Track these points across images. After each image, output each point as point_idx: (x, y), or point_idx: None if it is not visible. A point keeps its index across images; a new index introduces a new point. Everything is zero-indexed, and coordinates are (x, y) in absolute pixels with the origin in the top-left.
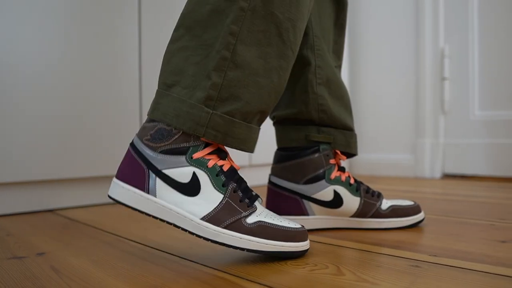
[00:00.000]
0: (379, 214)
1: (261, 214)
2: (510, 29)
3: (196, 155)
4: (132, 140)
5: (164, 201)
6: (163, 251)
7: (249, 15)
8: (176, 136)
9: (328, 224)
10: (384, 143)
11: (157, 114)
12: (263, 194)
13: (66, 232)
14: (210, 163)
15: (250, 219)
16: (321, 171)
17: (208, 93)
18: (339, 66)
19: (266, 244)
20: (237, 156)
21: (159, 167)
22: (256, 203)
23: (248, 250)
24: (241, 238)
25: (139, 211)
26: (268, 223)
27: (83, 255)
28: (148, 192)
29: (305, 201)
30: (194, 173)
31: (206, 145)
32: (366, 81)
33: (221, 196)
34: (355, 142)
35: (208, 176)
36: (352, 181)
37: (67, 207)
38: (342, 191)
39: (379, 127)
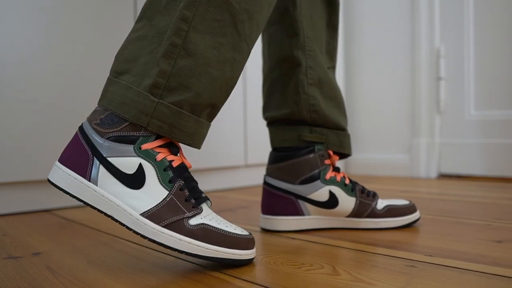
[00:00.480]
0: (375, 214)
1: (207, 217)
2: (505, 29)
3: (145, 146)
4: (82, 123)
5: (105, 191)
6: (159, 251)
7: (204, 2)
8: (126, 124)
9: (324, 224)
10: (379, 143)
11: (103, 101)
12: (258, 195)
13: (62, 232)
14: (159, 157)
15: (193, 221)
16: (316, 171)
17: (155, 81)
18: (332, 67)
19: (207, 249)
20: (232, 157)
21: (104, 154)
22: (204, 205)
23: (186, 253)
24: (180, 240)
25: (77, 199)
26: (212, 226)
27: (79, 255)
28: (89, 180)
29: (301, 201)
30: (140, 165)
31: (158, 137)
32: (361, 81)
33: (166, 192)
34: (349, 142)
35: (155, 170)
36: (347, 181)
37: (63, 207)
38: (338, 191)
39: (374, 127)
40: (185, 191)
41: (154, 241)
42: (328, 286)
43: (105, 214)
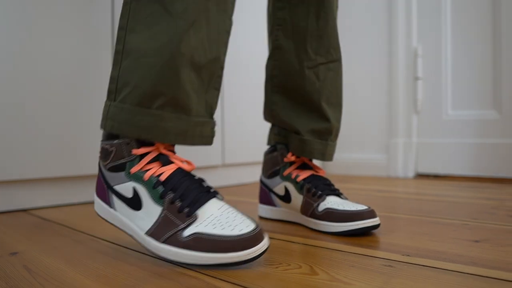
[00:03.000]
0: (315, 215)
1: (202, 224)
2: (482, 29)
3: (133, 170)
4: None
5: (121, 214)
6: (136, 251)
7: (134, 6)
8: (112, 154)
9: (287, 217)
10: (357, 143)
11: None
12: (236, 194)
13: (39, 231)
14: (146, 176)
15: (187, 232)
16: (277, 167)
17: (109, 88)
18: (332, 61)
19: (203, 257)
20: (208, 156)
21: (111, 184)
22: (204, 208)
23: (187, 264)
24: (178, 253)
25: (111, 224)
26: (205, 234)
27: (56, 254)
28: (111, 206)
29: (271, 193)
30: (134, 188)
31: (142, 157)
32: None
33: (160, 209)
34: (306, 146)
35: (146, 190)
36: (299, 179)
37: (40, 206)
38: (291, 187)
39: (352, 126)
40: (176, 202)
41: (160, 257)
42: (306, 286)
43: (128, 234)
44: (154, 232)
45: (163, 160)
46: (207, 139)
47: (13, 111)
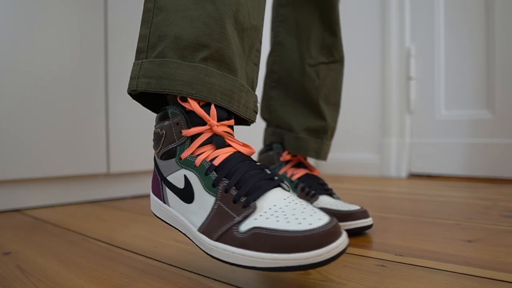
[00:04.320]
0: None
1: (263, 215)
2: (475, 29)
3: (184, 155)
4: None
5: (174, 209)
6: (129, 251)
7: None
8: (163, 138)
9: None
10: (350, 143)
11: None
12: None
13: (33, 231)
14: (198, 161)
15: (244, 226)
16: (273, 166)
17: (138, 47)
18: (334, 61)
19: (262, 259)
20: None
21: (164, 174)
22: (265, 197)
23: (244, 267)
24: (233, 253)
25: (165, 222)
26: (266, 229)
27: (50, 254)
28: (164, 202)
29: None
30: (185, 176)
31: (193, 139)
32: None
33: (213, 199)
34: (300, 144)
35: (198, 177)
36: (294, 178)
37: (33, 206)
38: (287, 186)
39: (345, 126)
40: (232, 190)
41: (214, 257)
42: (299, 285)
43: (182, 232)
44: (207, 228)
45: (218, 142)
46: (251, 112)
47: (6, 110)
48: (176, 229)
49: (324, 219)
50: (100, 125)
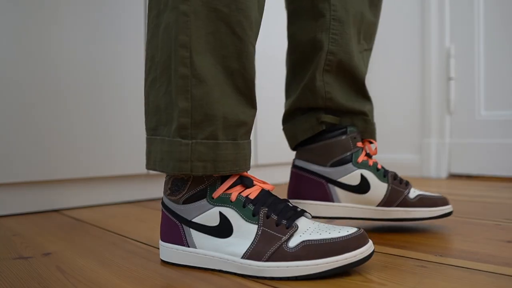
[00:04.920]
0: (407, 202)
1: (306, 232)
2: None
3: (216, 194)
4: (162, 199)
5: (205, 249)
6: None
7: (193, 19)
8: (190, 182)
9: (353, 214)
10: (390, 143)
11: (149, 165)
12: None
13: (72, 232)
14: (233, 197)
15: (292, 242)
16: (348, 153)
17: (179, 123)
18: (369, 49)
19: (317, 265)
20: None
21: (188, 218)
22: (300, 221)
23: (299, 277)
24: (288, 267)
25: (188, 267)
26: (313, 240)
27: (89, 255)
28: (188, 246)
29: (331, 186)
30: (220, 213)
31: (224, 179)
32: (371, 81)
33: (255, 227)
34: (370, 127)
35: (235, 211)
36: (379, 166)
37: (73, 207)
38: (369, 175)
39: (385, 127)
40: (272, 216)
41: (264, 278)
42: (339, 286)
43: (213, 270)
44: (253, 253)
45: (248, 182)
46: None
47: (47, 112)
48: (205, 269)
49: (353, 229)
50: (140, 126)
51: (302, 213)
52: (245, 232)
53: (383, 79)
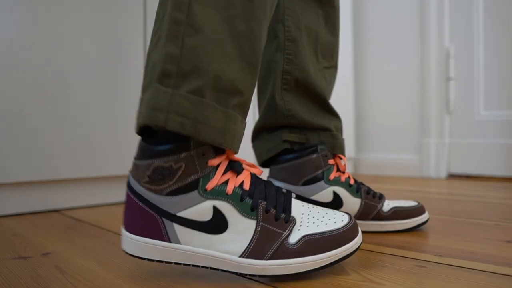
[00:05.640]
0: (381, 216)
1: (303, 225)
2: None
3: (210, 185)
4: (128, 181)
5: (192, 246)
6: None
7: None
8: (180, 172)
9: None
10: (389, 143)
11: (136, 127)
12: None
13: (72, 232)
14: (229, 189)
15: (293, 238)
16: (319, 171)
17: (163, 68)
18: (332, 67)
19: (319, 259)
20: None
21: (172, 212)
22: (293, 210)
23: (304, 273)
24: (291, 264)
25: (166, 263)
26: (314, 234)
27: (89, 255)
28: (170, 241)
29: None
30: (214, 207)
31: (215, 169)
32: (371, 81)
33: (254, 222)
34: (336, 142)
35: (232, 205)
36: (352, 181)
37: (73, 207)
38: (342, 192)
39: (384, 127)
40: (271, 210)
41: (265, 276)
42: (338, 286)
43: (202, 266)
44: (254, 251)
45: (238, 167)
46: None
47: (47, 112)
48: (189, 265)
49: (345, 216)
50: None
51: (289, 195)
52: (242, 229)
53: (383, 79)
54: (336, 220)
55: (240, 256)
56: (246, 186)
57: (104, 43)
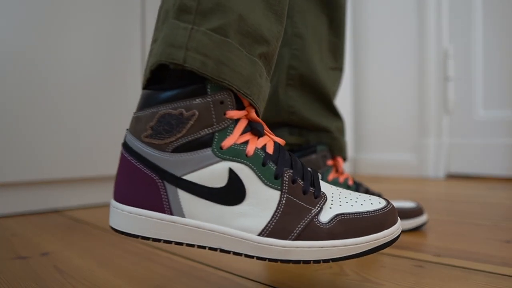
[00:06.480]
0: None
1: (335, 202)
2: None
3: (227, 143)
4: (125, 140)
5: (199, 220)
6: (167, 251)
7: None
8: (192, 122)
9: None
10: (388, 143)
11: (145, 71)
12: None
13: (71, 232)
14: (250, 149)
15: (324, 216)
16: (319, 172)
17: (181, 3)
18: (337, 68)
19: (356, 244)
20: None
21: (177, 173)
22: (322, 186)
23: (334, 260)
24: (322, 248)
25: (165, 242)
26: (349, 213)
27: (87, 255)
28: (171, 213)
29: None
30: (231, 170)
31: (235, 122)
32: (369, 81)
33: (278, 193)
34: (338, 144)
35: (252, 170)
36: (350, 182)
37: (71, 207)
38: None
39: (383, 127)
40: (299, 180)
41: (289, 261)
42: (337, 286)
43: (211, 248)
44: (277, 228)
45: (259, 129)
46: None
47: (47, 112)
48: (194, 245)
49: (382, 199)
50: None
51: (317, 173)
52: (264, 200)
53: (382, 79)
54: (372, 201)
55: (259, 235)
56: (270, 150)
57: (101, 44)
